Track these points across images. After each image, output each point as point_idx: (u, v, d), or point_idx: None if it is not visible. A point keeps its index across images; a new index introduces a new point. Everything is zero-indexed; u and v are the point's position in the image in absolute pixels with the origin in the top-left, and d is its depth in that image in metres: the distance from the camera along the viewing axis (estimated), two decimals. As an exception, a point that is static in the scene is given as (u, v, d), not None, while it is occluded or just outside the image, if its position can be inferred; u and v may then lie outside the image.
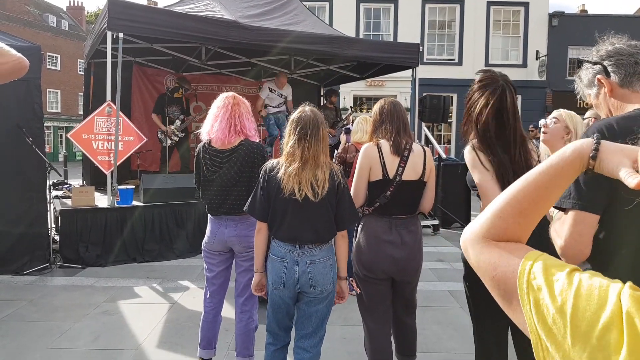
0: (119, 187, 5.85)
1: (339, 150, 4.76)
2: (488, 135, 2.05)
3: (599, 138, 0.78)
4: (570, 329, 0.54)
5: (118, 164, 5.81)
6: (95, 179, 7.46)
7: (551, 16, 18.65)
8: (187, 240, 6.06)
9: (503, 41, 18.95)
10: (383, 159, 2.51)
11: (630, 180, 0.69)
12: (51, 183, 5.66)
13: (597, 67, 1.51)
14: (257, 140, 2.91)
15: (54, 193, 6.75)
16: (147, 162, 8.37)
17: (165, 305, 4.27)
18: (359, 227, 2.64)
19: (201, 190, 2.92)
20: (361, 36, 17.35)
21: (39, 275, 5.07)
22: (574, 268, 0.60)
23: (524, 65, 18.68)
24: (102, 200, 5.96)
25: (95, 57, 7.37)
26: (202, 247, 2.95)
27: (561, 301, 0.56)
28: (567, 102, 5.76)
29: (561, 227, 1.35)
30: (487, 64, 18.34)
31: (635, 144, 0.79)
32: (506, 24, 18.96)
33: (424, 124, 8.73)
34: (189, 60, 8.44)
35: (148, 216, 5.85)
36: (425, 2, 18.41)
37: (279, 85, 7.85)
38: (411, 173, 2.53)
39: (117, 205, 5.73)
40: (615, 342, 0.50)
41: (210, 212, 2.89)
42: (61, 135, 34.87)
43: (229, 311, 3.60)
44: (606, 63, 1.48)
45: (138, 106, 8.72)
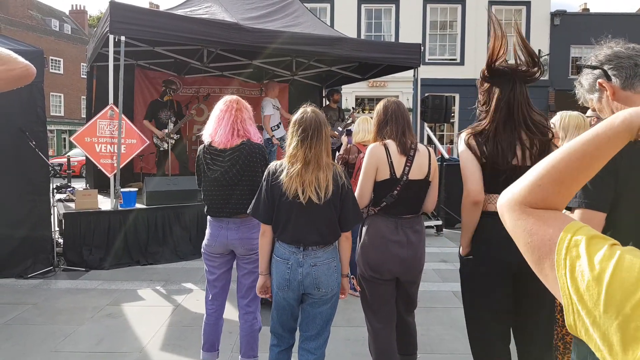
0: (122, 190, 5.87)
1: (341, 151, 4.75)
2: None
3: None
4: (604, 296, 0.55)
5: (121, 167, 5.83)
6: (99, 182, 7.47)
7: (553, 15, 18.63)
8: (190, 242, 6.07)
9: (505, 41, 18.91)
10: (390, 159, 2.52)
11: None
12: (54, 186, 5.66)
13: (597, 71, 1.50)
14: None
15: (58, 196, 6.77)
16: (150, 164, 8.38)
17: (169, 308, 4.28)
18: (364, 228, 2.65)
19: (202, 191, 2.90)
20: (362, 37, 17.35)
21: (42, 279, 5.08)
22: (615, 242, 0.61)
23: (526, 64, 18.62)
24: (105, 203, 5.98)
25: (98, 60, 7.39)
26: (202, 250, 2.93)
27: (599, 269, 0.57)
28: (569, 101, 5.71)
29: None
30: (489, 64, 18.31)
31: None
32: (508, 24, 18.93)
33: (426, 124, 8.71)
34: (191, 63, 8.45)
35: (151, 219, 5.86)
36: (426, 2, 18.42)
37: (274, 95, 7.84)
38: (417, 172, 2.55)
39: (120, 208, 5.74)
40: None
41: (210, 214, 2.86)
42: (64, 138, 35.01)
43: (231, 313, 3.61)
44: (606, 67, 1.47)
45: (140, 109, 8.73)
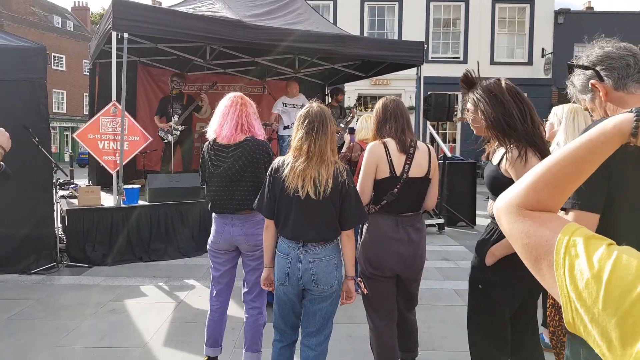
0: (125, 186, 5.88)
1: (344, 149, 4.76)
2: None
3: (639, 113, 0.79)
4: (603, 293, 0.57)
5: (124, 163, 5.84)
6: (101, 178, 7.49)
7: (557, 13, 18.56)
8: (192, 239, 6.09)
9: (508, 39, 18.86)
10: (390, 157, 2.52)
11: None
12: (57, 183, 5.68)
13: (589, 72, 1.49)
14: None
15: (61, 193, 6.79)
16: (153, 161, 8.39)
17: (172, 304, 4.29)
18: (364, 226, 2.65)
19: (206, 187, 2.91)
20: (365, 35, 17.34)
21: (45, 275, 5.10)
22: (611, 242, 0.63)
23: (530, 63, 18.58)
24: (108, 200, 5.99)
25: (100, 57, 7.39)
26: (208, 246, 2.94)
27: (598, 267, 0.59)
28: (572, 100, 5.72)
29: None
30: (492, 62, 18.29)
31: None
32: (511, 22, 18.87)
33: (429, 123, 8.69)
34: (194, 60, 8.45)
35: (154, 215, 5.88)
36: (429, 0, 18.37)
37: (292, 94, 7.70)
38: (417, 170, 2.55)
39: (123, 205, 5.76)
40: None
41: (214, 210, 2.87)
42: (67, 135, 35.10)
43: (235, 309, 3.62)
44: (598, 68, 1.46)
45: (143, 106, 8.75)
